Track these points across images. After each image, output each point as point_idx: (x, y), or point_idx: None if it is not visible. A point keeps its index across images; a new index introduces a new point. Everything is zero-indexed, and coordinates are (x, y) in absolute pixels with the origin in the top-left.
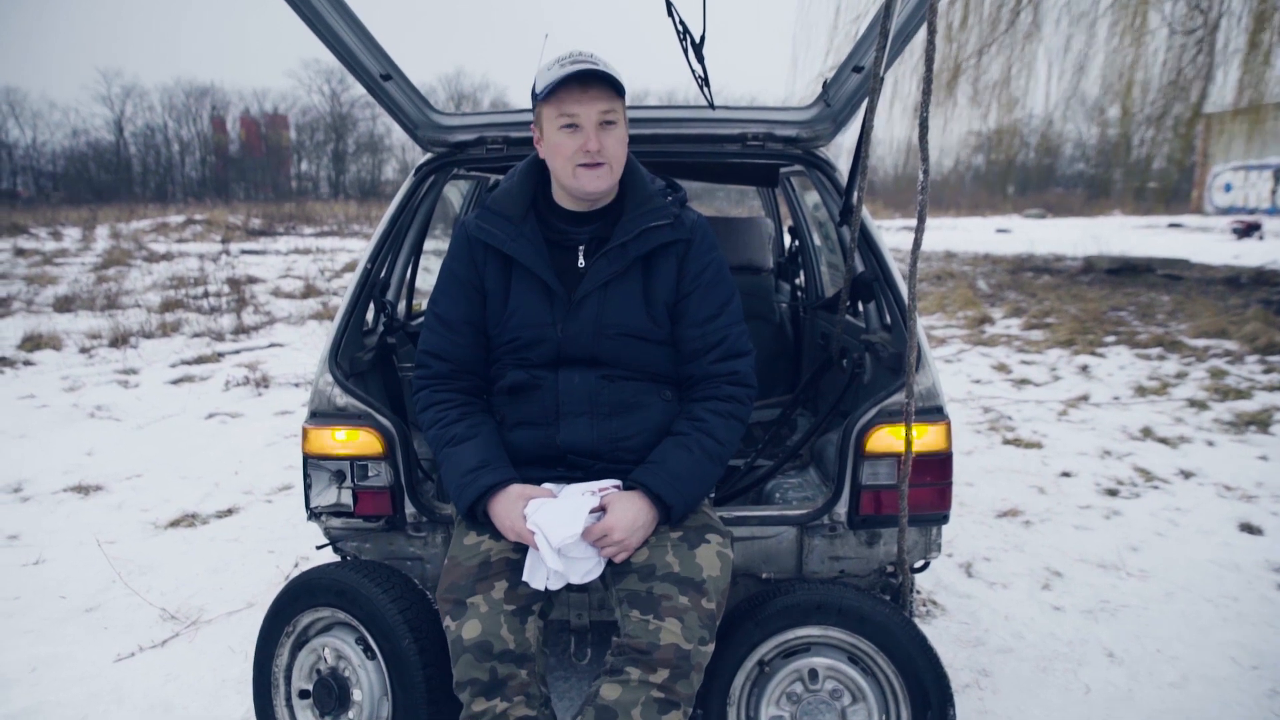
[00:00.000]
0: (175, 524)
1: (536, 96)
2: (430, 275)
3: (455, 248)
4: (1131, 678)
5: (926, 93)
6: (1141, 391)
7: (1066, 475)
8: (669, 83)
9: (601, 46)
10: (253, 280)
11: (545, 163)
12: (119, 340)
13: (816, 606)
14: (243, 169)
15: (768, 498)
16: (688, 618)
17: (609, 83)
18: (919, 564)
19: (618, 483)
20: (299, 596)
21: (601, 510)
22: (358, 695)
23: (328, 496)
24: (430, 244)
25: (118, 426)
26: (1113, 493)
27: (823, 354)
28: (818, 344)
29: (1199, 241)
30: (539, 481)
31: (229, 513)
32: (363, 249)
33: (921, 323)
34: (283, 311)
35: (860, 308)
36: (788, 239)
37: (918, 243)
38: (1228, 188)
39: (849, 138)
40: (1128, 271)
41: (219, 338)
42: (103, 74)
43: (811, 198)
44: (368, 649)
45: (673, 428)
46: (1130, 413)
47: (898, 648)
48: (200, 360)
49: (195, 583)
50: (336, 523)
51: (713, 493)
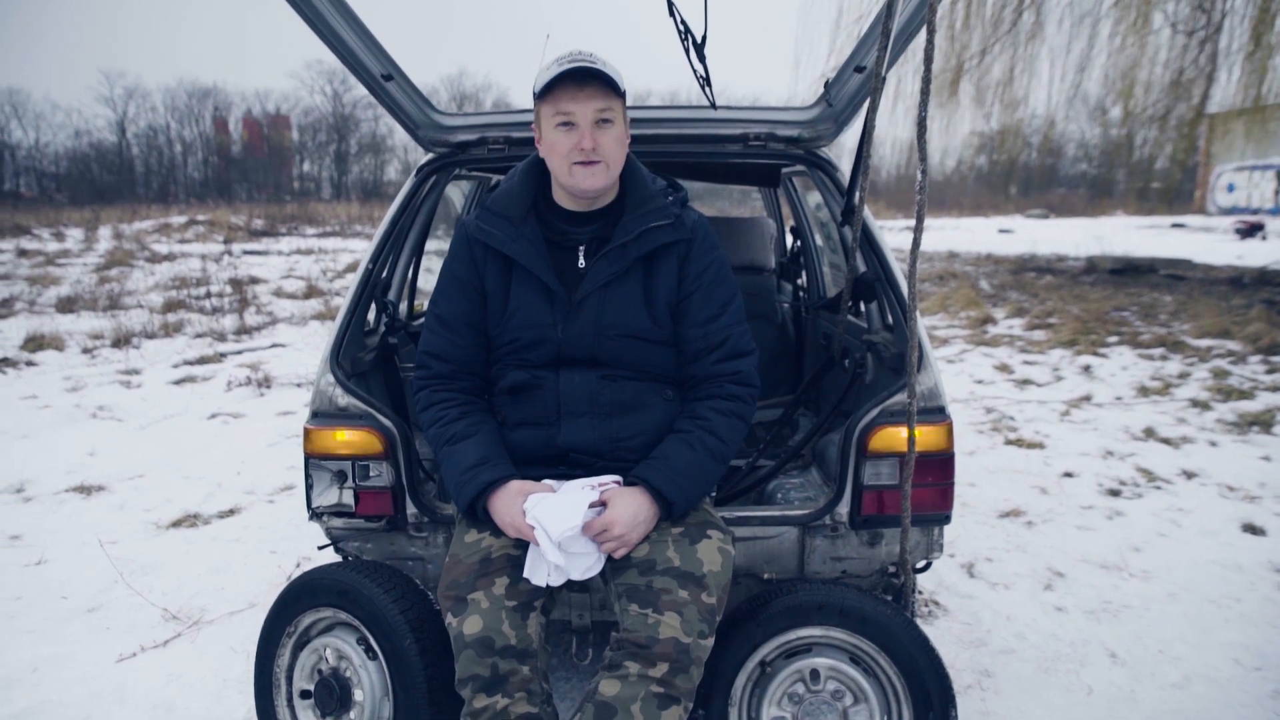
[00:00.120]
0: (177, 524)
1: (536, 95)
2: (432, 275)
3: (455, 248)
4: (1134, 678)
5: (925, 92)
6: (1144, 392)
7: (1069, 475)
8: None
9: (604, 47)
10: (255, 281)
11: (546, 163)
12: (121, 341)
13: (818, 607)
14: (245, 170)
15: (769, 498)
16: (687, 611)
17: (605, 81)
18: (921, 564)
19: (618, 478)
20: (300, 597)
21: (602, 505)
22: (359, 695)
23: (329, 497)
24: (432, 244)
25: (120, 427)
26: (1115, 493)
27: (825, 354)
28: (820, 344)
29: (1202, 242)
30: (540, 480)
31: (231, 513)
32: (364, 249)
33: (924, 323)
34: (285, 312)
35: (862, 308)
36: (790, 239)
37: (917, 242)
38: (1231, 188)
39: (851, 138)
40: (1130, 272)
41: (221, 338)
42: (105, 75)
43: (813, 198)
44: (369, 649)
45: (675, 425)
46: (1133, 413)
47: (899, 648)
48: (202, 360)
49: (197, 583)
50: (338, 523)
51: (714, 492)
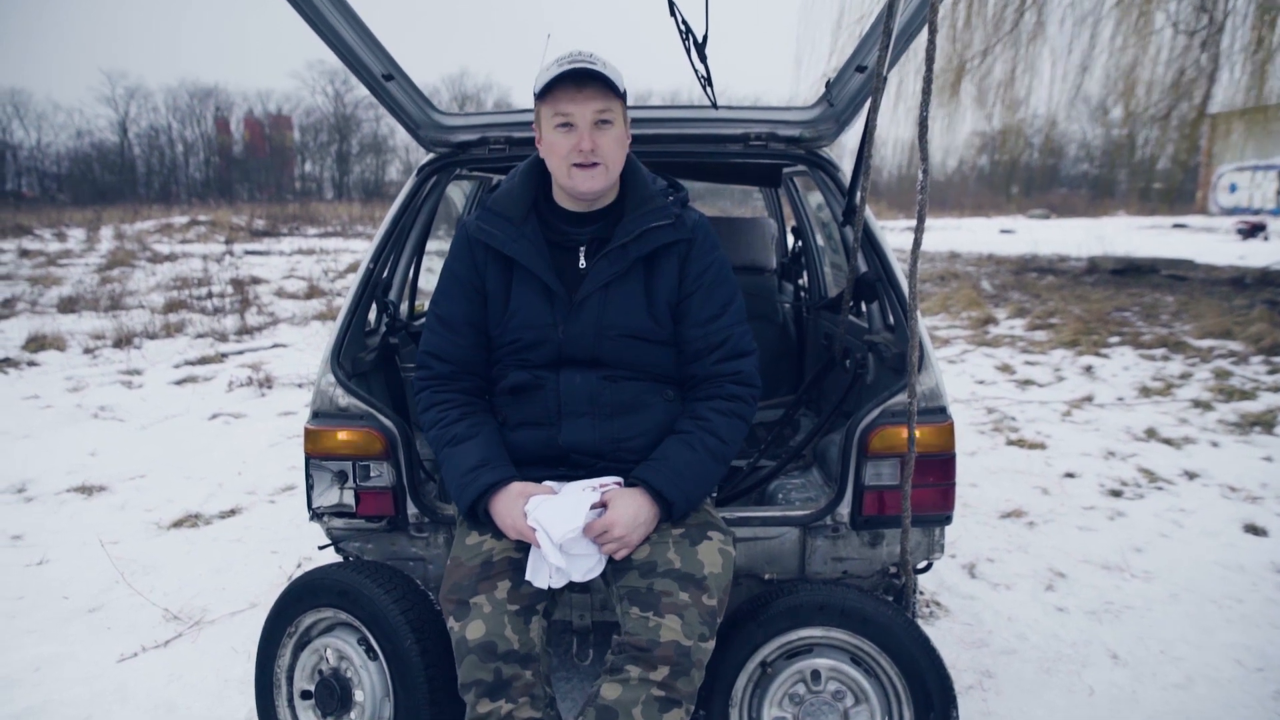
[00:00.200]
0: (178, 524)
1: (536, 96)
2: (433, 276)
3: (456, 248)
4: (1135, 679)
5: (927, 92)
6: (1146, 392)
7: (1070, 476)
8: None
9: (605, 47)
10: (256, 281)
11: (546, 163)
12: (123, 341)
13: (819, 607)
14: (247, 170)
15: (770, 498)
16: (688, 614)
17: (605, 83)
18: (922, 565)
19: (619, 479)
20: (301, 597)
21: (603, 506)
22: (360, 696)
23: (330, 497)
24: (433, 244)
25: (121, 427)
26: (1117, 494)
27: (826, 354)
28: (821, 344)
29: (1203, 242)
30: (541, 481)
31: (232, 513)
32: (366, 249)
33: (925, 323)
34: (286, 312)
35: (863, 308)
36: (791, 239)
37: (918, 242)
38: (1233, 188)
39: (852, 138)
40: (1132, 272)
41: (222, 338)
42: (107, 75)
43: (814, 198)
44: (370, 649)
45: (676, 426)
46: (1134, 413)
47: (900, 649)
48: (204, 361)
49: (198, 583)
50: (339, 523)
51: (715, 492)
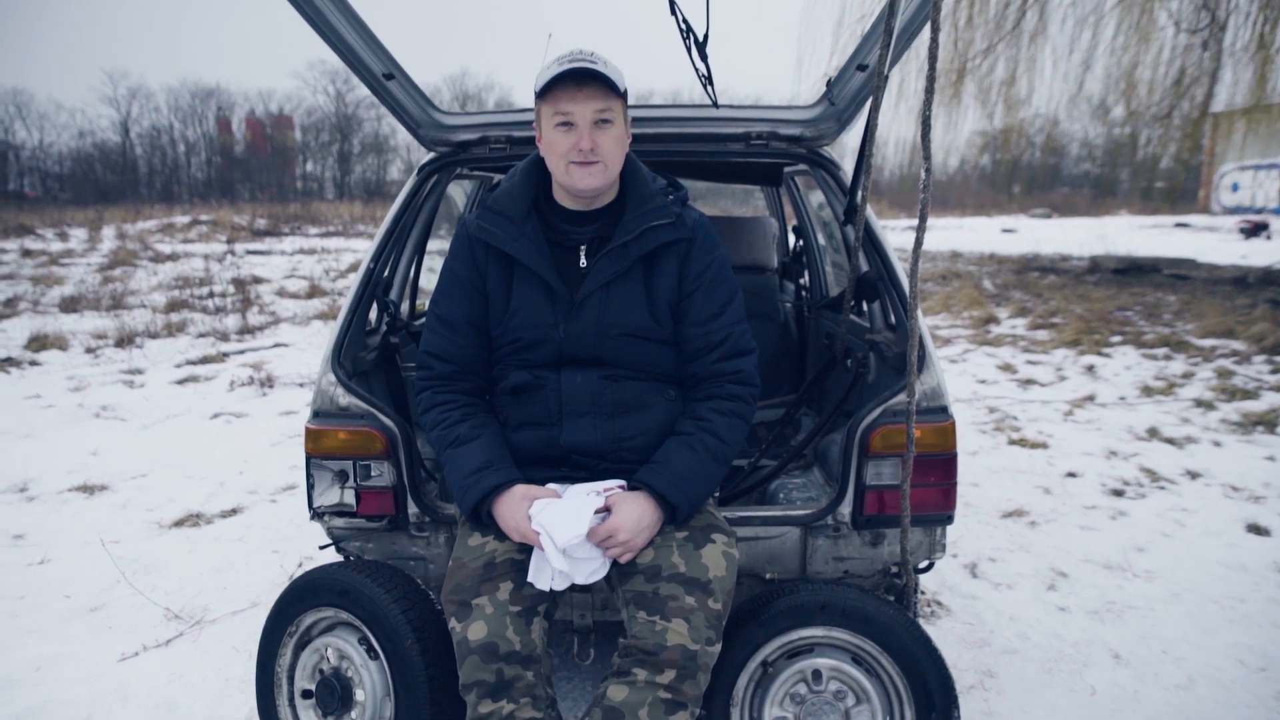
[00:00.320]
0: (180, 524)
1: (536, 95)
2: (434, 275)
3: (456, 248)
4: (1137, 679)
5: (929, 91)
6: (1148, 392)
7: (1072, 475)
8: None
9: (606, 46)
10: (258, 280)
11: (546, 162)
12: (124, 340)
13: (820, 607)
14: (248, 170)
15: (772, 498)
16: (694, 618)
17: (605, 82)
18: (923, 564)
19: (622, 483)
20: (302, 596)
21: (606, 511)
22: (360, 695)
23: (330, 496)
24: (434, 244)
25: (123, 426)
26: (1119, 493)
27: (827, 354)
28: (822, 343)
29: (1206, 241)
30: (543, 482)
31: (233, 512)
32: (367, 249)
33: (926, 323)
34: (287, 311)
35: (865, 307)
36: (792, 238)
37: (919, 241)
38: (1235, 187)
39: (853, 137)
40: (1134, 271)
41: (224, 338)
42: (109, 75)
43: (816, 197)
44: (370, 649)
45: (676, 427)
46: (1136, 413)
47: (902, 649)
48: (205, 360)
49: (199, 582)
50: (339, 522)
51: (717, 492)
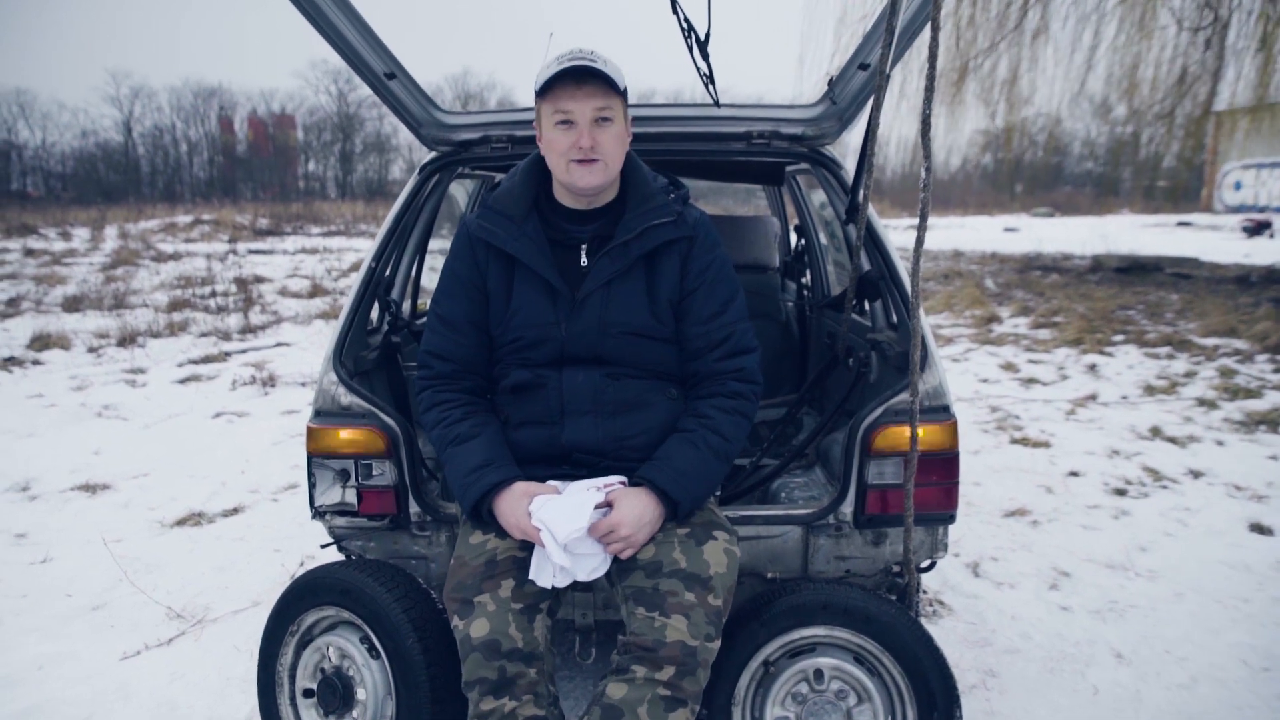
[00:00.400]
0: (182, 523)
1: (536, 93)
2: (435, 274)
3: (457, 247)
4: (1140, 679)
5: (930, 90)
6: (1150, 391)
7: (1074, 475)
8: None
9: (608, 45)
10: (260, 280)
11: (546, 160)
12: (127, 340)
13: (822, 606)
14: (250, 169)
15: (773, 497)
16: (694, 614)
17: (604, 80)
18: (925, 564)
19: (623, 479)
20: (303, 595)
21: (607, 506)
22: (362, 694)
23: (332, 495)
24: (435, 243)
25: (125, 425)
26: (1121, 492)
27: (829, 353)
28: (824, 343)
29: (1209, 240)
30: (543, 480)
31: (235, 511)
32: (368, 248)
33: (929, 322)
34: (289, 311)
35: (866, 306)
36: (794, 238)
37: (920, 240)
38: (1238, 186)
39: (855, 136)
40: (1136, 270)
41: (226, 337)
42: (111, 75)
43: (817, 196)
44: (372, 648)
45: (679, 425)
46: (1139, 412)
47: (904, 648)
48: (207, 360)
49: (201, 581)
50: (341, 522)
51: (718, 490)
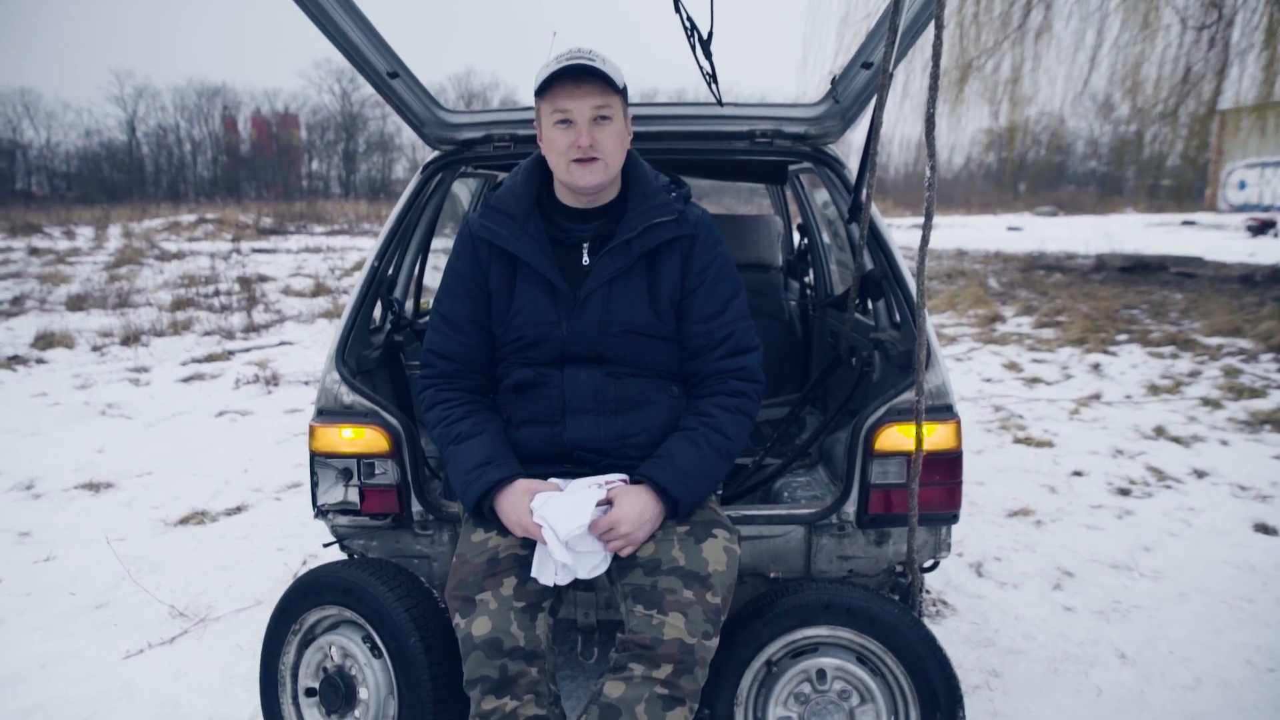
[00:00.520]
0: (185, 521)
1: (536, 93)
2: (438, 273)
3: (459, 246)
4: (1144, 679)
5: (934, 89)
6: (1154, 390)
7: (1078, 474)
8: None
9: (610, 45)
10: (263, 279)
11: (547, 159)
12: (130, 338)
13: (825, 606)
14: (254, 168)
15: (776, 496)
16: (691, 612)
17: (603, 79)
18: (928, 563)
19: (624, 476)
20: (306, 594)
21: (608, 503)
22: (364, 694)
23: (334, 494)
24: (438, 242)
25: (129, 424)
26: (1125, 492)
27: (832, 352)
28: (827, 342)
29: (1213, 239)
30: (545, 479)
31: (238, 510)
32: (371, 247)
33: (932, 321)
34: (293, 310)
35: (870, 306)
36: (797, 237)
37: (925, 239)
38: (1242, 185)
39: (858, 135)
40: (1140, 269)
41: (229, 336)
42: (115, 74)
43: (820, 195)
44: (374, 647)
45: (680, 423)
46: (1143, 411)
47: (907, 648)
48: (211, 358)
49: (204, 580)
50: (343, 520)
51: (720, 490)
